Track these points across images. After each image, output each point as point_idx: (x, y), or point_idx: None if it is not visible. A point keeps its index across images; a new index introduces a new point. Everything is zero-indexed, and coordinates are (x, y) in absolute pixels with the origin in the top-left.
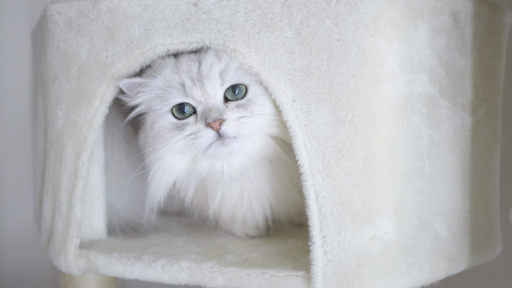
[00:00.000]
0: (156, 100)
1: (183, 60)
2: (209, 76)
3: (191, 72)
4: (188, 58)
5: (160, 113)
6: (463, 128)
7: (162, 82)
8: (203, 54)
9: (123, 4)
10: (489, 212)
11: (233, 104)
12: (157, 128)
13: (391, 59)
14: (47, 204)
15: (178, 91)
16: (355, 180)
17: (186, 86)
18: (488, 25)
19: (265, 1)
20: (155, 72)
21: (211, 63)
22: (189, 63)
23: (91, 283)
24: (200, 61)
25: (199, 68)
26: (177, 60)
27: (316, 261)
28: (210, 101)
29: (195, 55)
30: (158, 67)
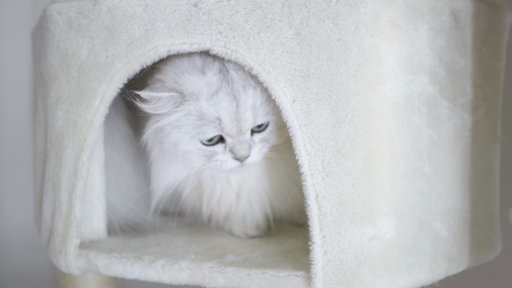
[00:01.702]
0: (186, 125)
1: (221, 95)
2: (245, 118)
3: (230, 111)
4: (226, 93)
5: (189, 138)
6: (463, 128)
7: (195, 110)
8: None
9: (123, 4)
10: (489, 212)
11: (258, 137)
12: (182, 150)
13: (391, 59)
14: (47, 204)
15: (214, 124)
16: (355, 180)
17: (223, 123)
18: (488, 25)
19: (265, 1)
20: (182, 92)
21: (246, 103)
22: (228, 99)
23: (91, 283)
24: (236, 98)
25: (237, 108)
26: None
27: (316, 261)
28: (241, 137)
29: (227, 86)
30: (183, 84)
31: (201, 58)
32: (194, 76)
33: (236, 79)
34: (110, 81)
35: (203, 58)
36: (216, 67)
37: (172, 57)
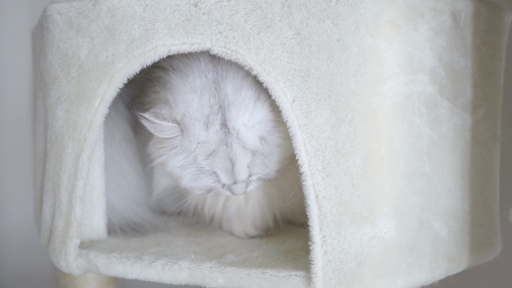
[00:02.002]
0: (188, 169)
1: (218, 157)
2: (240, 174)
3: (226, 169)
4: (222, 156)
5: (189, 178)
6: (463, 128)
7: (195, 163)
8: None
9: (123, 4)
10: (489, 212)
11: (255, 177)
12: (183, 184)
13: (391, 59)
14: (47, 204)
15: (211, 176)
16: (355, 180)
17: (219, 176)
18: (488, 25)
19: (265, 2)
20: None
21: (241, 163)
22: (223, 161)
23: (91, 283)
24: (232, 160)
25: (233, 167)
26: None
27: (316, 261)
28: (238, 182)
29: (226, 148)
30: (185, 125)
31: (209, 99)
32: (197, 128)
33: (235, 142)
34: (110, 81)
35: (211, 100)
36: (219, 121)
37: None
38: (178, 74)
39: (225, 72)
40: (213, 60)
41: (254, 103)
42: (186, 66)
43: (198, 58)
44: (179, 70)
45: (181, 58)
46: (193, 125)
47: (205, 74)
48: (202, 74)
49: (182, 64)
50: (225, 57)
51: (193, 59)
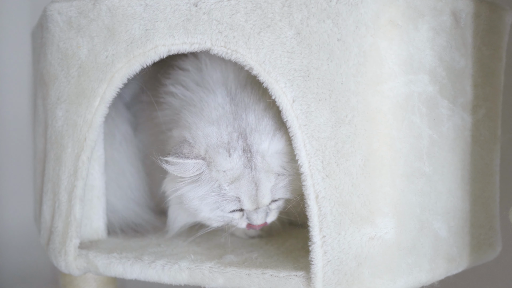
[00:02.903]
0: (209, 199)
1: (243, 182)
2: (264, 199)
3: (250, 194)
4: (246, 180)
5: (209, 208)
6: (463, 128)
7: (218, 191)
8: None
9: (123, 4)
10: (489, 212)
11: (274, 205)
12: (202, 215)
13: (391, 59)
14: (47, 204)
15: (234, 202)
16: (355, 180)
17: (242, 202)
18: (488, 25)
19: (265, 1)
20: (206, 160)
21: (265, 187)
22: (247, 185)
23: (91, 283)
24: (257, 184)
25: (257, 191)
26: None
27: (316, 261)
28: (258, 210)
29: (250, 172)
30: (209, 153)
31: (227, 128)
32: (220, 155)
33: (260, 165)
34: (110, 81)
35: (229, 129)
36: (241, 146)
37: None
38: (192, 110)
39: (245, 103)
40: (230, 93)
41: (275, 131)
42: (200, 100)
43: (214, 91)
44: (193, 105)
45: (195, 90)
46: (217, 152)
47: (222, 106)
48: (218, 106)
49: (196, 98)
50: (225, 57)
51: (208, 92)
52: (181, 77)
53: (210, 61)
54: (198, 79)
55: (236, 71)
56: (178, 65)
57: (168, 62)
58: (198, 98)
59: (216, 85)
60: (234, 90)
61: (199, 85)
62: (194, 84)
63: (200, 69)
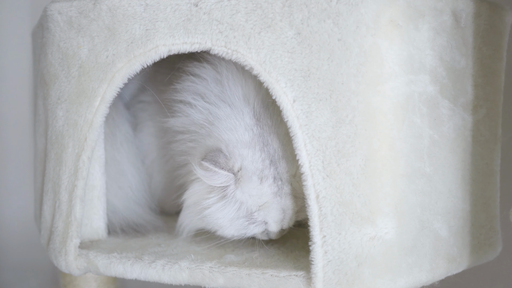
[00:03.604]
0: (236, 219)
1: (272, 207)
2: (289, 224)
3: (277, 219)
4: (275, 207)
5: (234, 228)
6: (463, 128)
7: (246, 213)
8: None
9: (124, 3)
10: (489, 212)
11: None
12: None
13: (392, 59)
14: (47, 204)
15: (261, 225)
16: (355, 180)
17: (269, 225)
18: (489, 25)
19: (266, 1)
20: (236, 174)
21: (292, 213)
22: (277, 213)
23: (91, 283)
24: (285, 211)
25: (284, 217)
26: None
27: (316, 261)
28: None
29: (280, 199)
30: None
31: (261, 153)
32: (253, 182)
33: (288, 192)
34: (111, 81)
35: (262, 155)
36: (272, 174)
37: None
38: (224, 125)
39: (269, 126)
40: (255, 114)
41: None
42: (228, 117)
43: (241, 111)
44: (221, 120)
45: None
46: (249, 178)
47: (251, 128)
48: (248, 128)
49: (222, 114)
50: (225, 56)
51: (235, 110)
52: (199, 86)
53: (231, 74)
54: (219, 93)
55: (257, 88)
56: (192, 71)
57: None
58: (224, 114)
59: (242, 103)
60: (258, 110)
61: (222, 101)
62: (216, 99)
63: (220, 81)
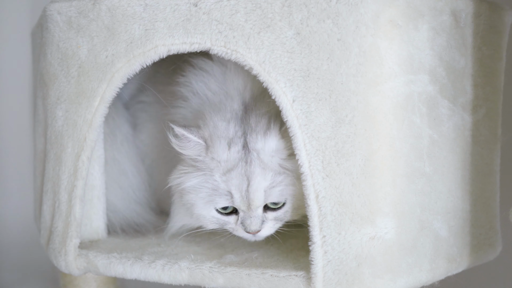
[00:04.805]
0: (203, 190)
1: (234, 173)
2: (255, 197)
3: (241, 188)
4: (239, 173)
5: (203, 203)
6: (463, 128)
7: (210, 181)
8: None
9: (123, 3)
10: (489, 212)
11: (272, 215)
12: (197, 213)
13: (391, 59)
14: (47, 204)
15: (226, 198)
16: (355, 180)
17: (234, 197)
18: (488, 24)
19: (265, 1)
20: (208, 145)
21: (258, 184)
22: (240, 178)
23: (91, 283)
24: (249, 179)
25: (248, 187)
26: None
27: (316, 261)
28: (252, 213)
29: (244, 165)
30: (212, 141)
31: (235, 127)
32: (221, 145)
33: (255, 160)
34: (110, 81)
35: (236, 128)
36: (241, 143)
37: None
38: (213, 107)
39: (252, 109)
40: (244, 102)
41: (266, 130)
42: (220, 102)
43: (232, 98)
44: (214, 105)
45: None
46: (219, 142)
47: (236, 112)
48: (233, 111)
49: (216, 99)
50: (225, 56)
51: (228, 97)
52: (203, 78)
53: (234, 65)
54: (221, 83)
55: (255, 81)
56: (199, 65)
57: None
58: (218, 100)
59: (235, 91)
60: (249, 99)
61: (221, 89)
62: (217, 87)
63: (224, 72)
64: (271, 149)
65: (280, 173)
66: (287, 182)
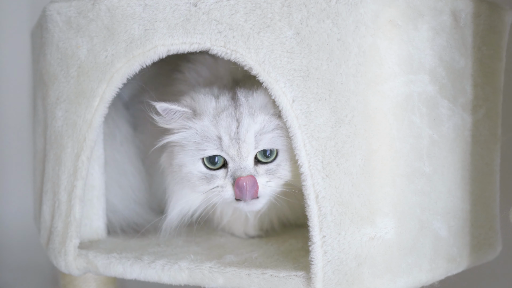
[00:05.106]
0: (191, 144)
1: (224, 115)
2: (245, 140)
3: (230, 130)
4: (228, 114)
5: (191, 157)
6: (463, 128)
7: (200, 129)
8: (239, 111)
9: (123, 4)
10: (489, 212)
11: (263, 168)
12: (186, 171)
13: (391, 59)
14: (47, 204)
15: (214, 144)
16: (355, 180)
17: (223, 141)
18: (488, 24)
19: (265, 1)
20: (195, 110)
21: (247, 125)
22: (229, 119)
23: (91, 283)
24: (238, 120)
25: (238, 128)
26: (216, 104)
27: (316, 261)
28: (242, 162)
29: (234, 109)
30: (197, 103)
31: (219, 89)
32: (208, 98)
33: (244, 104)
34: (110, 81)
35: (220, 89)
36: (229, 95)
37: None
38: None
39: (242, 83)
40: (235, 79)
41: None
42: (210, 83)
43: (222, 78)
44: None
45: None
46: (204, 98)
47: (225, 84)
48: (222, 85)
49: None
50: (224, 56)
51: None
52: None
53: None
54: (213, 68)
55: None
56: (193, 58)
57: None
58: (208, 82)
59: (226, 73)
60: (240, 78)
61: (213, 74)
62: (208, 73)
63: (216, 60)
64: (259, 102)
65: (270, 121)
66: (278, 132)
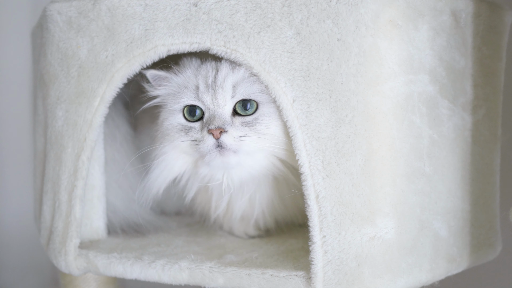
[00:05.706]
0: (171, 97)
1: (204, 65)
2: (222, 86)
3: (208, 78)
4: (209, 64)
5: (172, 111)
6: (463, 128)
7: (181, 81)
8: (221, 63)
9: (123, 4)
10: (489, 212)
11: (240, 120)
12: (167, 125)
13: (391, 59)
14: (47, 204)
15: (192, 93)
16: (355, 180)
17: (199, 90)
18: (488, 25)
19: (265, 1)
20: (179, 70)
21: (225, 73)
22: (208, 69)
23: (91, 283)
24: (217, 69)
25: (215, 76)
26: (201, 63)
27: (316, 261)
28: (218, 109)
29: (215, 63)
30: (183, 66)
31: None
32: (193, 60)
33: (226, 62)
34: (110, 81)
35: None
36: (214, 60)
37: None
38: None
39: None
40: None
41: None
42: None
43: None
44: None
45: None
46: (193, 60)
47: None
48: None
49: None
50: (224, 56)
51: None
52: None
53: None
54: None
55: None
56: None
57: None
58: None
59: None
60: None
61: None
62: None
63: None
64: (241, 73)
65: (250, 76)
66: (259, 88)
